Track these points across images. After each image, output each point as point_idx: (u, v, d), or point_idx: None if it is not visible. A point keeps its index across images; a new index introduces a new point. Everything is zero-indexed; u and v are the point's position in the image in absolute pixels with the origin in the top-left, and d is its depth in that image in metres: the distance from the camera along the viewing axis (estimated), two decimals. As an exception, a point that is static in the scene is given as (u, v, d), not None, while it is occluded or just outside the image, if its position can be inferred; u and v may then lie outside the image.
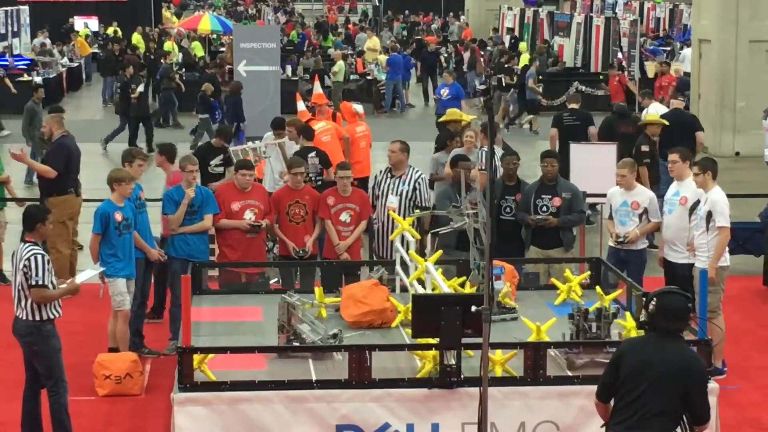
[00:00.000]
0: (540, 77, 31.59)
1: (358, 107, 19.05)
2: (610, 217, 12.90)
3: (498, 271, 10.30)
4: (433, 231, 12.40)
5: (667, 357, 7.17)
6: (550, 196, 13.03)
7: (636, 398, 7.16)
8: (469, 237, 10.72)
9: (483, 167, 14.02)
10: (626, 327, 9.50)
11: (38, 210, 10.29)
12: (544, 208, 13.01)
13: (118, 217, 11.68)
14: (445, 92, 26.20)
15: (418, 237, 11.70)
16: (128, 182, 11.81)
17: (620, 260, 12.51)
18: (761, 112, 22.39)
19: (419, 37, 47.79)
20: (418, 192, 13.33)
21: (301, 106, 18.75)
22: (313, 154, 15.26)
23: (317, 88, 19.97)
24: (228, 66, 31.52)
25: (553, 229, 12.97)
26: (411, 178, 13.39)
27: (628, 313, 9.91)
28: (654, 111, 19.18)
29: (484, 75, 35.62)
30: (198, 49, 40.35)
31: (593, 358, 9.21)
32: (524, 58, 35.39)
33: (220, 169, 15.62)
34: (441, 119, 18.07)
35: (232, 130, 22.10)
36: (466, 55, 37.52)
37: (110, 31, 46.11)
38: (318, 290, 10.73)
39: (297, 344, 9.49)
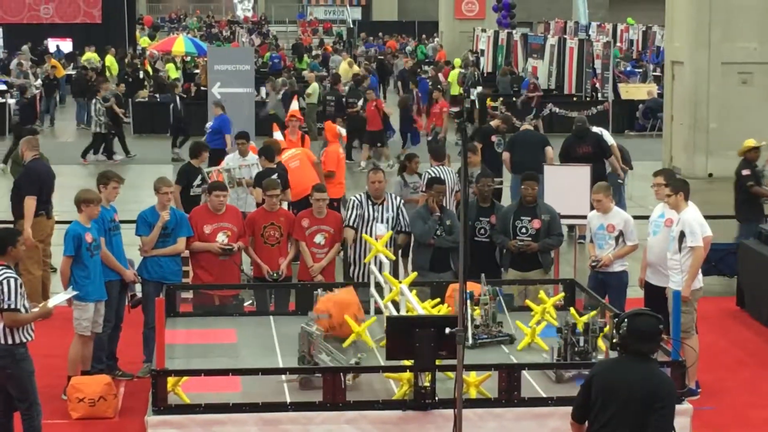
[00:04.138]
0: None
1: (342, 129, 19.63)
2: (591, 241, 12.93)
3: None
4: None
5: (635, 379, 7.13)
6: (529, 218, 13.00)
7: (606, 422, 7.15)
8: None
9: (423, 189, 14.19)
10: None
11: (9, 233, 10.21)
12: (524, 230, 12.98)
13: (89, 237, 11.60)
14: (207, 125, 24.37)
15: (393, 258, 11.68)
16: (96, 204, 11.70)
17: (600, 283, 12.51)
18: (733, 133, 22.45)
19: (382, 57, 47.51)
20: (401, 217, 13.28)
21: (278, 135, 18.77)
22: (275, 175, 15.26)
23: (294, 105, 20.50)
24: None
25: (532, 252, 12.97)
26: (393, 205, 13.33)
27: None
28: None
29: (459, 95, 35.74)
30: (172, 71, 40.28)
31: (581, 371, 9.26)
32: (454, 74, 37.36)
33: (199, 191, 15.57)
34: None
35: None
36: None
37: (87, 57, 45.78)
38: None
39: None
